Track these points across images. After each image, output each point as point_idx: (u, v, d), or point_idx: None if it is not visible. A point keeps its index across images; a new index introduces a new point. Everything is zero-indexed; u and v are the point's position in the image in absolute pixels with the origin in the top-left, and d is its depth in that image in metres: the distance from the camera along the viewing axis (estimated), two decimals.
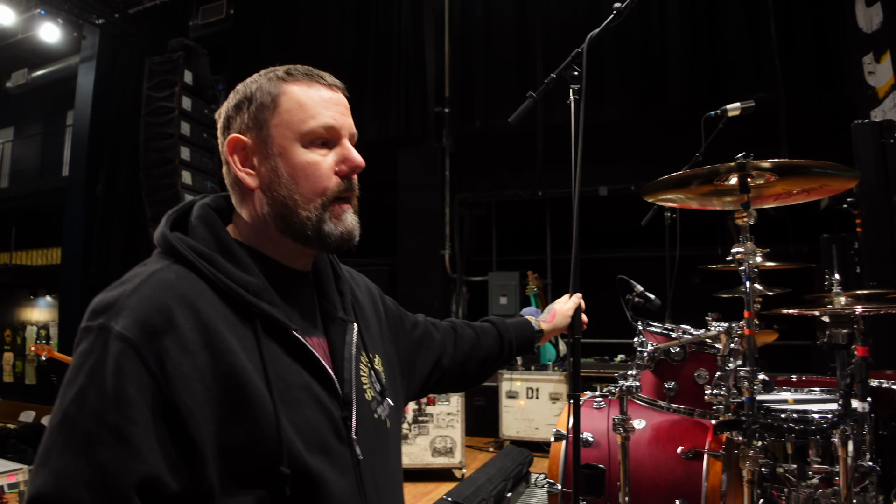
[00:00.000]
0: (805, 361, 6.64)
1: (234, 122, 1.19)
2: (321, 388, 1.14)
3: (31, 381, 15.07)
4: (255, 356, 1.05)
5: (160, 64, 8.72)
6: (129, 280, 1.04)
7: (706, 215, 4.00)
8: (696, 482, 2.72)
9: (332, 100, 1.20)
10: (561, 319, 1.86)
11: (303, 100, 1.17)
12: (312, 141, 1.17)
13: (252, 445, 1.01)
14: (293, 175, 1.15)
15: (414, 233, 8.29)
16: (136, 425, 0.92)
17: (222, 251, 1.12)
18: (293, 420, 1.06)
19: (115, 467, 0.90)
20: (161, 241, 1.12)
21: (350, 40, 8.80)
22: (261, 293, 1.10)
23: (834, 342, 2.39)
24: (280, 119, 1.16)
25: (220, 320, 1.04)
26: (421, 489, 5.50)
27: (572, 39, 1.99)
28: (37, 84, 13.37)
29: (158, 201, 8.50)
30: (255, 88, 1.18)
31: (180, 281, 1.04)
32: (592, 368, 7.12)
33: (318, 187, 1.17)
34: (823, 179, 2.34)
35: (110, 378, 0.93)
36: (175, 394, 0.95)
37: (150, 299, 0.99)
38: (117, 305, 0.99)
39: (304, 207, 1.16)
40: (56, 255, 13.37)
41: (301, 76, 1.19)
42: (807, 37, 6.68)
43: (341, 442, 1.14)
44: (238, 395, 1.01)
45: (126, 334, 0.95)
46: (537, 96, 2.07)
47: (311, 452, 1.07)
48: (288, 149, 1.16)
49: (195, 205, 1.21)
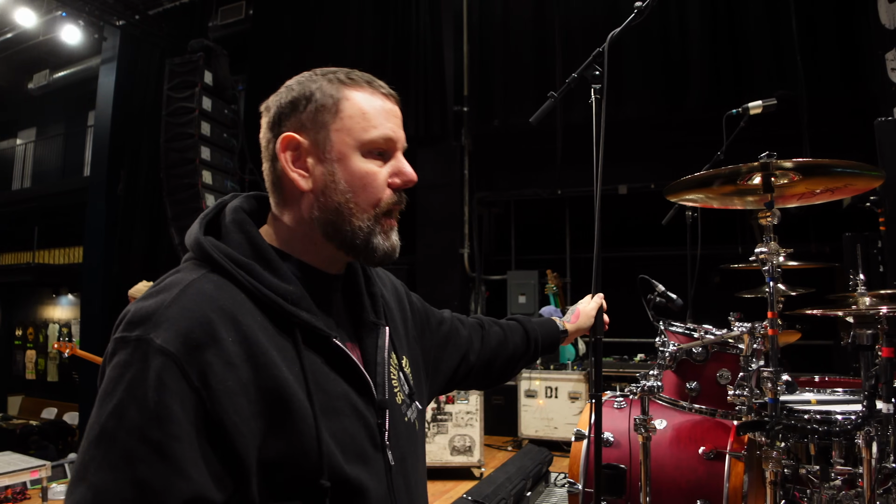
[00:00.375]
0: (826, 361, 6.58)
1: (288, 120, 1.15)
2: (358, 395, 1.13)
3: (54, 379, 15.29)
4: (296, 367, 1.04)
5: (180, 65, 8.80)
6: (167, 289, 1.01)
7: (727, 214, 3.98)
8: (718, 483, 2.71)
9: (392, 112, 1.18)
10: (585, 320, 1.86)
11: (365, 108, 1.14)
12: (371, 151, 1.14)
13: (293, 458, 1.00)
14: (350, 182, 1.13)
15: (433, 232, 8.30)
16: (180, 442, 0.90)
17: (259, 259, 1.09)
18: (333, 431, 1.05)
19: (159, 485, 0.88)
20: (196, 248, 1.10)
21: (369, 40, 8.81)
22: (299, 301, 1.08)
23: (858, 343, 2.37)
24: (342, 124, 1.13)
25: (261, 331, 1.02)
26: (440, 488, 5.51)
27: (591, 38, 1.99)
28: (58, 85, 13.53)
29: (179, 201, 8.58)
30: (314, 88, 1.14)
31: (220, 292, 1.02)
32: (612, 368, 7.09)
33: (373, 198, 1.14)
34: (848, 179, 2.32)
35: (152, 393, 0.90)
36: (220, 409, 0.93)
37: (191, 311, 0.97)
38: (156, 317, 0.96)
39: (357, 217, 1.13)
40: (78, 254, 13.52)
41: (363, 83, 1.17)
42: (829, 33, 6.60)
43: (376, 449, 1.14)
44: (280, 408, 0.99)
45: (167, 348, 0.92)
46: (559, 96, 2.07)
47: (349, 462, 1.06)
48: (347, 155, 1.13)
49: (226, 207, 1.18)
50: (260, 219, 1.21)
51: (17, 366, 16.23)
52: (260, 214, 1.22)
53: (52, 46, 11.48)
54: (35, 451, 10.06)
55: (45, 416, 13.74)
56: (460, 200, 8.41)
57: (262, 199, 1.24)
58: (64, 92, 13.76)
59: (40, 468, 4.89)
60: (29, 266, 14.64)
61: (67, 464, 6.45)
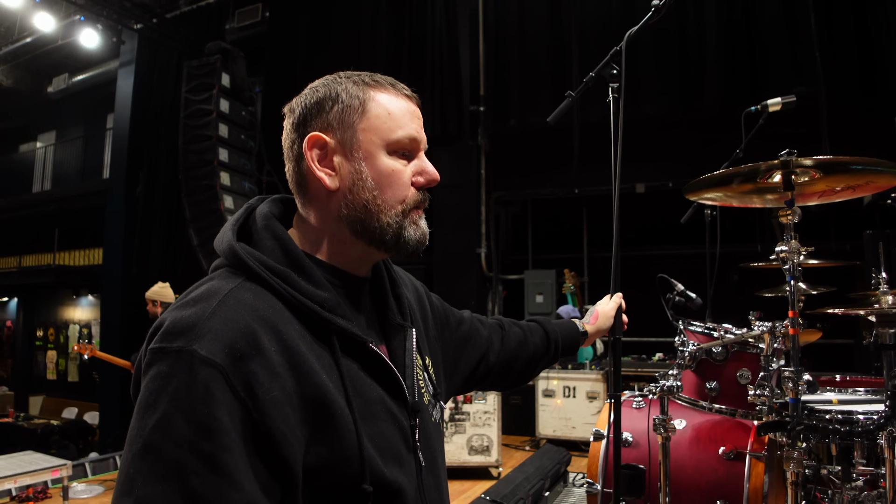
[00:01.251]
0: (847, 361, 6.52)
1: (314, 120, 1.16)
2: (392, 399, 1.14)
3: (74, 379, 15.44)
4: (335, 374, 1.05)
5: (198, 67, 8.87)
6: (204, 299, 1.01)
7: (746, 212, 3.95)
8: (738, 483, 2.69)
9: (415, 113, 1.20)
10: (604, 321, 1.85)
11: (390, 108, 1.16)
12: (396, 150, 1.16)
13: (336, 464, 1.01)
14: (377, 180, 1.15)
15: (450, 232, 8.30)
16: (231, 453, 0.89)
17: (293, 265, 1.10)
18: (372, 435, 1.06)
19: (211, 496, 0.87)
20: (230, 255, 1.10)
21: (384, 41, 8.83)
22: (335, 308, 1.08)
23: (881, 342, 2.34)
24: (368, 124, 1.15)
25: (300, 340, 1.02)
26: (458, 487, 5.51)
27: (607, 37, 1.97)
28: (77, 89, 13.65)
29: (197, 202, 8.64)
30: (340, 90, 1.16)
31: (259, 301, 1.02)
32: (630, 367, 7.07)
33: (399, 195, 1.16)
34: (869, 176, 2.30)
35: (200, 405, 0.90)
36: (268, 419, 0.93)
37: (234, 322, 0.97)
38: (198, 328, 0.95)
39: (386, 213, 1.15)
40: (97, 256, 13.64)
41: (387, 84, 1.19)
42: (847, 29, 6.53)
43: (409, 450, 1.15)
44: (322, 415, 1.00)
45: (213, 359, 0.92)
46: (576, 95, 2.06)
47: (388, 466, 1.07)
48: (374, 154, 1.15)
49: (255, 211, 1.19)
50: (287, 222, 1.22)
51: (38, 366, 16.41)
52: (286, 217, 1.23)
53: (71, 50, 11.59)
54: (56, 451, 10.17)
55: (66, 416, 13.88)
56: (477, 200, 8.41)
57: (288, 202, 1.25)
58: (83, 95, 13.89)
59: (61, 467, 4.93)
60: (49, 267, 14.79)
61: (88, 463, 6.53)
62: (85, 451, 10.88)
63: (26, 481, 4.83)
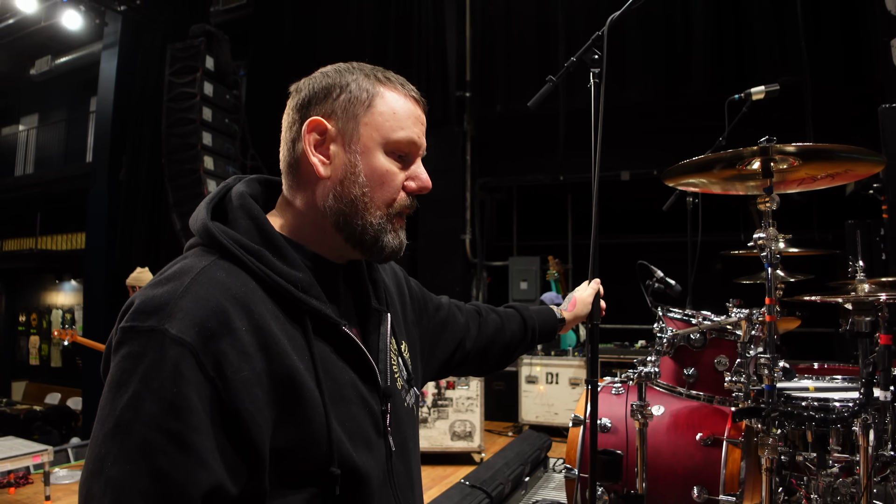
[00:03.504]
0: (827, 349, 6.57)
1: (319, 105, 1.15)
2: (363, 383, 1.13)
3: (57, 364, 15.36)
4: (306, 355, 1.04)
5: (182, 50, 8.77)
6: (177, 277, 0.99)
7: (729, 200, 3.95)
8: (715, 469, 2.71)
9: (420, 118, 1.19)
10: (581, 308, 1.85)
11: (397, 108, 1.15)
12: (394, 151, 1.15)
13: (303, 446, 1.00)
14: (370, 177, 1.13)
15: (434, 217, 8.28)
16: (199, 433, 0.89)
17: (268, 245, 1.08)
18: (341, 419, 1.06)
19: (179, 476, 0.87)
20: (204, 233, 1.08)
21: (371, 25, 8.76)
22: (309, 289, 1.07)
23: (856, 330, 2.35)
24: (371, 119, 1.13)
25: (273, 320, 1.01)
26: (440, 472, 5.52)
27: (595, 23, 1.95)
28: (60, 71, 13.53)
29: (181, 186, 8.57)
30: (350, 79, 1.15)
31: (232, 279, 1.01)
32: (612, 354, 7.10)
33: (389, 197, 1.15)
34: (848, 164, 2.30)
35: (169, 384, 0.89)
36: (236, 399, 0.92)
37: (206, 300, 0.96)
38: (170, 307, 0.94)
39: (371, 212, 1.14)
40: (80, 240, 13.53)
41: (397, 84, 1.18)
42: (834, 19, 6.55)
43: (379, 435, 1.14)
44: (292, 397, 0.99)
45: (183, 338, 0.91)
46: (557, 80, 2.04)
47: (357, 449, 1.07)
48: (372, 150, 1.13)
49: (232, 191, 1.17)
50: (265, 203, 1.21)
51: (20, 351, 16.31)
52: (265, 198, 1.22)
53: (54, 32, 11.47)
54: (39, 437, 10.13)
55: (49, 402, 13.82)
56: (462, 186, 8.40)
57: (267, 183, 1.25)
58: (66, 78, 13.76)
59: (42, 453, 4.90)
60: (32, 252, 14.68)
61: (70, 448, 6.49)
62: (68, 437, 10.86)
63: (7, 467, 4.80)
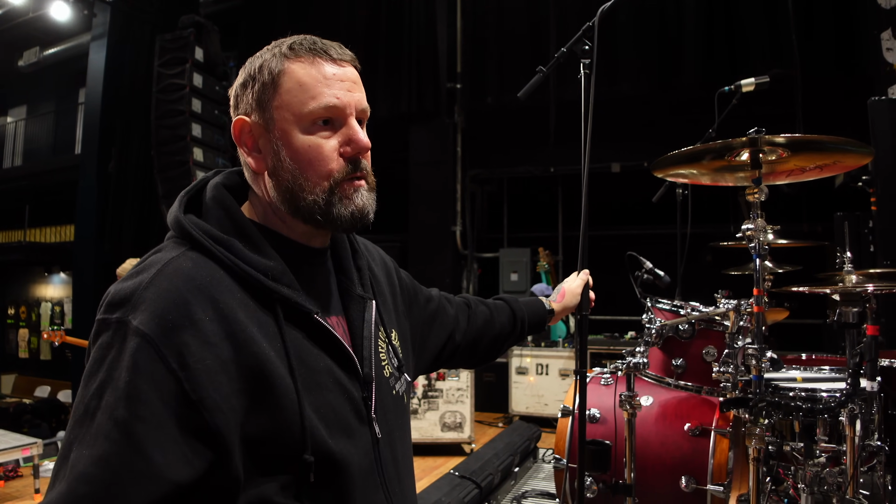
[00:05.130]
0: (816, 340, 6.61)
1: (241, 102, 1.15)
2: (341, 370, 1.12)
3: (47, 357, 15.27)
4: (278, 343, 1.04)
5: (171, 41, 8.71)
6: (146, 269, 1.01)
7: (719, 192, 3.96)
8: (703, 459, 2.72)
9: (337, 76, 1.12)
10: (570, 298, 1.86)
11: (303, 79, 1.10)
12: (314, 122, 1.10)
13: (276, 434, 1.00)
14: (295, 159, 1.10)
15: (425, 209, 8.28)
16: (145, 423, 0.89)
17: (239, 234, 1.08)
18: (316, 406, 1.05)
19: (117, 463, 0.88)
20: (175, 226, 1.09)
21: (362, 16, 8.73)
22: (280, 277, 1.07)
23: (844, 321, 2.37)
24: (280, 100, 1.10)
25: (241, 308, 1.01)
26: (430, 463, 5.53)
27: (587, 14, 1.94)
28: (48, 62, 13.39)
29: (170, 178, 8.52)
30: (259, 66, 1.13)
31: (197, 270, 1.01)
32: (602, 345, 7.12)
33: (323, 171, 1.11)
34: (837, 155, 2.31)
35: (124, 373, 0.91)
36: (199, 388, 0.92)
37: (168, 292, 0.96)
38: (134, 298, 0.96)
39: (310, 191, 1.11)
40: (69, 233, 13.46)
41: (305, 52, 1.13)
42: (825, 12, 6.56)
43: (361, 422, 1.14)
44: (262, 384, 0.99)
45: (143, 330, 0.92)
46: (547, 71, 2.03)
47: (333, 437, 1.06)
48: (289, 132, 1.10)
49: (208, 184, 1.17)
50: (243, 195, 1.20)
51: (9, 344, 16.21)
52: (244, 190, 1.21)
53: (42, 24, 11.33)
54: (28, 430, 10.07)
55: (39, 395, 13.75)
56: (453, 178, 8.39)
57: None
58: (54, 69, 13.62)
59: (31, 446, 4.89)
60: (20, 244, 14.57)
61: (59, 441, 6.47)
62: (58, 430, 10.80)
63: None
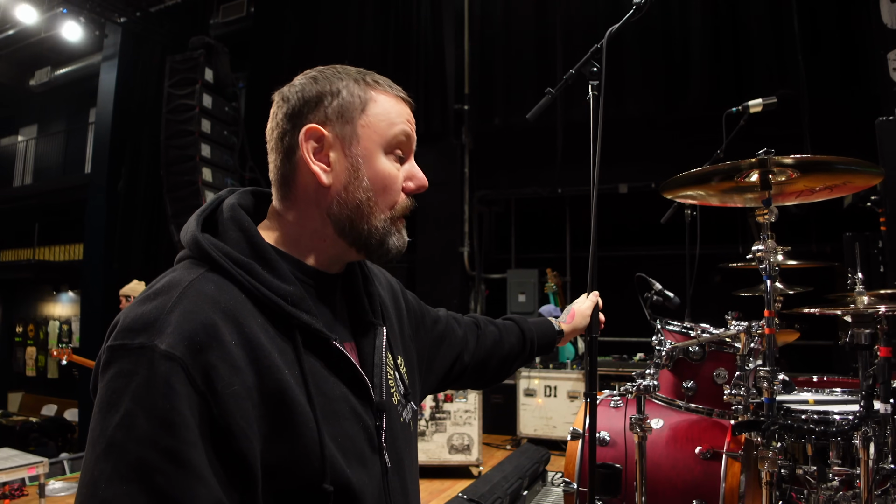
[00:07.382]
0: (827, 362, 6.56)
1: (312, 112, 1.12)
2: (356, 398, 1.11)
3: (54, 376, 15.30)
4: (296, 370, 1.02)
5: (181, 62, 8.81)
6: (165, 292, 0.97)
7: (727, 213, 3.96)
8: (714, 483, 2.69)
9: (410, 117, 1.20)
10: (580, 320, 1.84)
11: (387, 106, 1.15)
12: (393, 148, 1.15)
13: (295, 463, 0.98)
14: (374, 181, 1.13)
15: (433, 230, 8.29)
16: (196, 448, 0.87)
17: (257, 258, 1.06)
18: (334, 434, 1.03)
19: (178, 494, 0.84)
20: (193, 246, 1.06)
21: (370, 37, 8.81)
22: (299, 303, 1.05)
23: (856, 342, 2.34)
24: (367, 121, 1.13)
25: (262, 333, 0.99)
26: (437, 486, 5.50)
27: (593, 36, 1.95)
28: (59, 82, 13.54)
29: (179, 198, 8.58)
30: (341, 86, 1.13)
31: (220, 293, 0.98)
32: (611, 367, 7.09)
33: (391, 200, 1.15)
34: (846, 176, 2.30)
35: (161, 400, 0.86)
36: (227, 414, 0.90)
37: (194, 314, 0.93)
38: (159, 323, 0.91)
39: (376, 216, 1.13)
40: (78, 251, 13.52)
41: (386, 87, 1.18)
42: (831, 33, 6.59)
43: (374, 451, 1.12)
44: (283, 412, 0.97)
45: (173, 353, 0.89)
46: (556, 92, 2.04)
47: (351, 466, 1.04)
48: (372, 152, 1.13)
49: (223, 203, 1.14)
50: (257, 215, 1.18)
51: (17, 362, 16.24)
52: (257, 210, 1.19)
53: (54, 43, 11.49)
54: (35, 448, 10.07)
55: (46, 413, 13.76)
56: (460, 199, 8.41)
57: (259, 195, 1.22)
58: (65, 89, 13.77)
59: (38, 465, 4.89)
60: (29, 263, 14.63)
61: (65, 460, 6.46)
62: (64, 449, 10.80)
63: (2, 478, 4.78)
